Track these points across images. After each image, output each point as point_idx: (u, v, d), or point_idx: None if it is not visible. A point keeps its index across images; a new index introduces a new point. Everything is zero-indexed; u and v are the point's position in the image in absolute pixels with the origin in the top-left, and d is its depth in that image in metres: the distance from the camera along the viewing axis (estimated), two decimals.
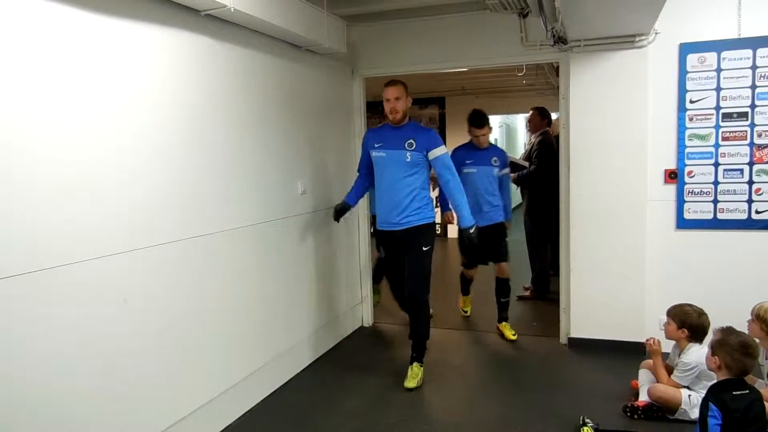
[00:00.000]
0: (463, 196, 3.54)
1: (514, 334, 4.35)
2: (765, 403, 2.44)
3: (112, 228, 2.34)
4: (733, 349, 2.42)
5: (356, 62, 4.56)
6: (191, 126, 2.80)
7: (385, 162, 3.56)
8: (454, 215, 3.75)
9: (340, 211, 3.82)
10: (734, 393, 2.36)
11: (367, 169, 3.74)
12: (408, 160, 3.47)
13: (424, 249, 3.53)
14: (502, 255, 4.48)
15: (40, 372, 2.03)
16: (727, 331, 2.51)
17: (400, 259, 3.63)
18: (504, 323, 4.47)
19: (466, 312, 5.05)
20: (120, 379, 2.37)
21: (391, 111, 3.51)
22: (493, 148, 4.61)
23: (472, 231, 3.51)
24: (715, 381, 2.54)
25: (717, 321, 2.71)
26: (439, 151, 3.50)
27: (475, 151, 4.45)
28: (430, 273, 3.61)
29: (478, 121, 4.40)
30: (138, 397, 2.46)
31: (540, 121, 5.54)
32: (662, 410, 2.99)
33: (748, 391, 2.38)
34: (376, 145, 3.60)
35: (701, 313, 3.00)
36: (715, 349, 2.48)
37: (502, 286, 4.50)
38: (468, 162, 4.39)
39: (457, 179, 3.54)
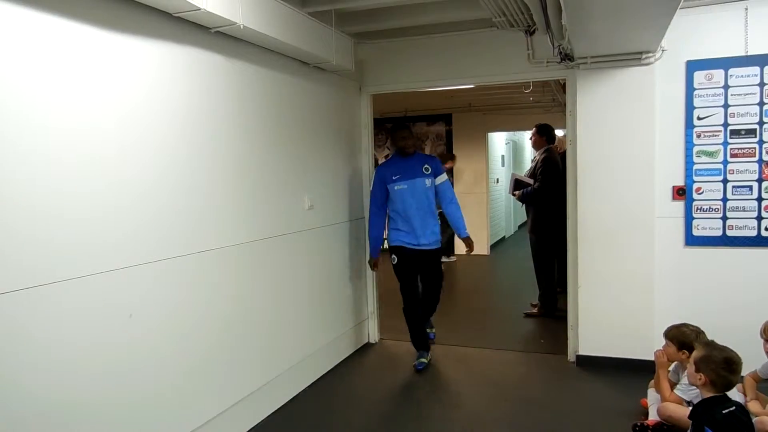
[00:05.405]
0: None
1: None
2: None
3: (122, 242, 2.35)
4: (718, 366, 2.40)
5: (364, 79, 4.60)
6: (201, 142, 2.82)
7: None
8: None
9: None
10: (723, 411, 2.34)
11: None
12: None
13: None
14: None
15: (43, 385, 2.03)
16: (711, 347, 2.50)
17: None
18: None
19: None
20: (127, 394, 2.36)
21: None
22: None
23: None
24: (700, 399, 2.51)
25: (727, 338, 2.66)
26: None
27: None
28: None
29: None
30: (145, 412, 2.45)
31: (539, 139, 5.54)
32: (672, 429, 2.94)
33: (734, 408, 2.37)
34: (394, 178, 4.03)
35: (699, 332, 2.98)
36: (699, 365, 2.45)
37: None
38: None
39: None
